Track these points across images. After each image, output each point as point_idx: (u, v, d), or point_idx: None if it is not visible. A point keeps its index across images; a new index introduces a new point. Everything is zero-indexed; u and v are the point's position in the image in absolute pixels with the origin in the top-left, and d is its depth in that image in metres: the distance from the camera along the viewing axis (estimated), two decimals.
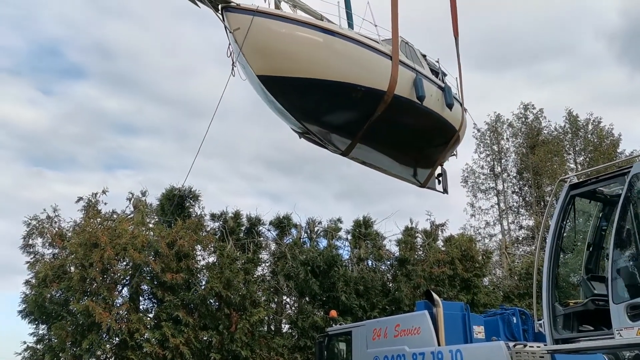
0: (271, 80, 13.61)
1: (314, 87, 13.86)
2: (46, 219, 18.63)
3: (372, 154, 16.26)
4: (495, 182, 42.62)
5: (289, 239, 21.68)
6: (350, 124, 15.28)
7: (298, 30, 13.55)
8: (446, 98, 16.15)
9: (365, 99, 14.44)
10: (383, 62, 14.56)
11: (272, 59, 13.45)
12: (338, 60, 13.92)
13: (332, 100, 14.34)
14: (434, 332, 11.48)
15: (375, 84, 14.37)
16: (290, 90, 13.95)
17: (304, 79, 13.65)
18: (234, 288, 17.74)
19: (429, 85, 15.65)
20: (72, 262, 17.39)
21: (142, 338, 16.51)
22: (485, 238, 40.50)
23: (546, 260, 8.20)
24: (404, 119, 15.48)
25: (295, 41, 13.53)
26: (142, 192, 19.64)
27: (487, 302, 21.47)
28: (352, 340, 13.40)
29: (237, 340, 17.28)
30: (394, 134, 15.92)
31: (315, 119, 14.86)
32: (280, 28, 13.38)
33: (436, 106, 15.98)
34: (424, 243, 23.46)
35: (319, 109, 14.71)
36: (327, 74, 13.80)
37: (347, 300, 19.27)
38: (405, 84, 14.81)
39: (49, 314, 17.28)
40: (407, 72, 15.03)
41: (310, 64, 13.69)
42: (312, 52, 13.69)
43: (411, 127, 15.97)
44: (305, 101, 14.35)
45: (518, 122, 42.79)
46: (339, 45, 14.01)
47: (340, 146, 15.30)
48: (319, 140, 15.26)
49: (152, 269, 17.26)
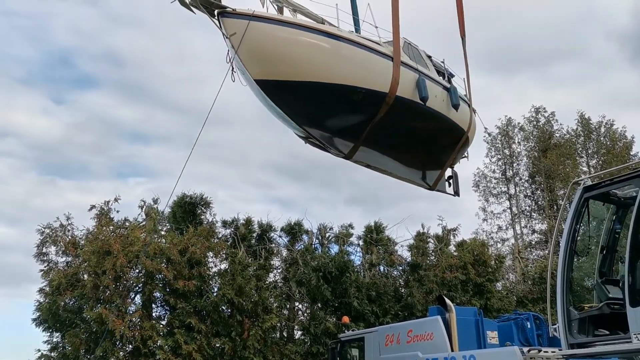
0: (269, 85, 13.56)
1: (312, 91, 13.74)
2: (59, 228, 18.78)
3: (376, 157, 16.14)
4: (507, 186, 42.36)
5: (301, 245, 21.66)
6: (352, 126, 15.16)
7: (295, 33, 13.47)
8: (452, 99, 16.00)
9: (367, 101, 14.29)
10: (384, 63, 14.43)
11: (269, 63, 13.38)
12: (337, 62, 13.80)
13: (332, 103, 14.24)
14: (447, 337, 11.39)
15: (376, 85, 14.22)
16: (289, 94, 13.85)
17: (302, 82, 13.54)
18: (246, 295, 17.75)
19: (433, 86, 15.54)
20: (85, 270, 17.51)
21: (155, 345, 16.56)
22: (498, 242, 40.23)
23: (560, 263, 8.12)
24: (407, 121, 15.35)
25: (292, 44, 13.42)
26: (154, 200, 19.74)
27: (500, 307, 21.30)
28: (364, 346, 13.34)
29: (249, 347, 17.28)
30: (398, 136, 15.80)
31: (315, 122, 14.76)
32: (276, 32, 13.28)
33: (441, 107, 15.85)
34: (436, 248, 23.34)
35: (319, 113, 14.61)
36: (325, 77, 13.67)
37: (360, 306, 19.20)
38: (407, 85, 14.66)
39: (63, 322, 17.39)
40: (410, 73, 14.90)
41: (308, 67, 13.56)
42: (310, 55, 13.57)
43: (416, 129, 15.86)
44: (304, 105, 14.25)
45: (529, 126, 42.57)
46: (337, 48, 13.88)
47: (343, 149, 15.17)
48: (321, 144, 15.18)
49: (165, 276, 17.32)
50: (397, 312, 19.95)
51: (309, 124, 14.66)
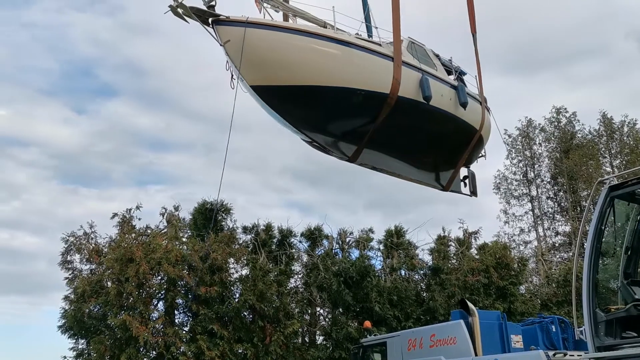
0: (264, 90, 13.56)
1: (309, 95, 13.66)
2: (83, 236, 19.04)
3: (382, 159, 15.97)
4: (528, 188, 41.94)
5: (321, 250, 21.66)
6: (354, 129, 15.04)
7: (289, 38, 13.37)
8: (459, 97, 15.75)
9: (367, 103, 14.14)
10: (385, 64, 14.29)
11: (264, 69, 13.33)
12: (333, 65, 13.66)
13: (331, 106, 14.13)
14: (470, 341, 11.30)
15: (377, 86, 14.06)
16: (285, 99, 13.79)
17: (298, 86, 13.46)
18: (267, 300, 17.79)
19: (439, 85, 15.35)
20: (108, 277, 17.69)
21: (178, 351, 16.65)
22: (520, 245, 39.84)
23: (586, 264, 8.00)
24: (412, 121, 15.18)
25: (287, 49, 13.33)
26: (175, 207, 19.91)
27: (524, 310, 21.04)
28: (387, 351, 13.29)
29: (271, 352, 17.30)
30: (404, 137, 15.64)
31: (315, 127, 14.65)
32: (270, 37, 13.23)
33: (448, 106, 15.62)
34: (457, 251, 23.17)
35: (318, 117, 14.49)
36: (322, 80, 13.55)
37: (381, 310, 19.12)
38: (410, 85, 14.47)
39: (88, 329, 17.60)
40: (413, 73, 14.71)
41: (303, 71, 13.45)
42: (305, 59, 13.45)
43: (422, 129, 15.67)
44: (302, 109, 14.16)
45: (551, 127, 42.14)
46: (333, 50, 13.74)
47: (346, 152, 15.06)
48: (323, 148, 15.11)
49: (187, 283, 17.43)
50: (419, 316, 19.82)
51: (308, 129, 14.59)
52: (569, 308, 20.50)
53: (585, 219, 11.90)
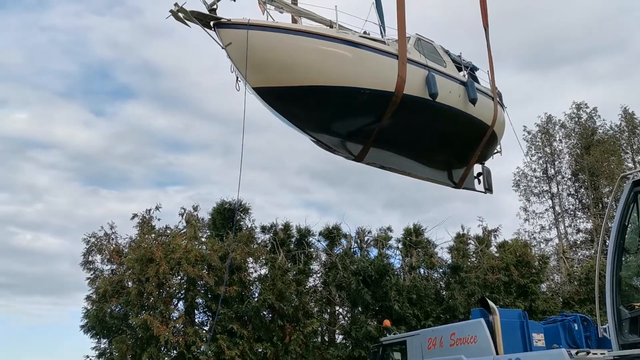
0: (267, 92, 13.58)
1: (313, 95, 13.60)
2: (104, 236, 19.26)
3: (391, 158, 15.84)
4: (549, 185, 41.48)
5: (339, 249, 21.64)
6: (359, 128, 14.94)
7: (290, 39, 13.31)
8: (469, 93, 15.54)
9: (372, 102, 14.04)
10: (389, 62, 14.15)
11: (265, 70, 13.28)
12: (336, 65, 13.57)
13: (335, 106, 14.05)
14: (491, 340, 11.20)
15: (381, 85, 13.92)
16: (287, 100, 13.77)
17: (300, 87, 13.42)
18: (286, 299, 17.83)
19: (447, 82, 15.17)
20: (129, 278, 17.88)
21: (198, 351, 16.76)
22: (541, 243, 39.43)
23: (609, 261, 7.88)
24: (419, 119, 15.03)
25: (288, 50, 13.28)
26: (194, 207, 20.04)
27: (545, 308, 20.81)
28: (406, 349, 13.24)
29: (291, 351, 17.33)
30: (411, 135, 15.50)
31: (319, 127, 14.64)
32: (271, 38, 13.18)
33: (457, 102, 15.42)
34: (477, 249, 23.00)
35: (322, 117, 14.47)
36: (325, 81, 13.47)
37: (401, 309, 19.04)
38: (416, 83, 14.32)
39: (110, 328, 17.79)
40: (418, 70, 14.54)
41: (306, 72, 13.39)
42: (307, 60, 13.38)
43: (430, 127, 15.52)
44: (306, 110, 14.11)
45: (571, 123, 41.64)
46: (335, 50, 13.64)
47: (352, 151, 14.99)
48: (328, 147, 15.07)
49: (206, 283, 17.55)
50: (439, 315, 19.70)
51: (312, 129, 14.58)
52: (592, 306, 20.23)
53: (607, 215, 11.74)
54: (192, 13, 12.80)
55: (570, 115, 41.59)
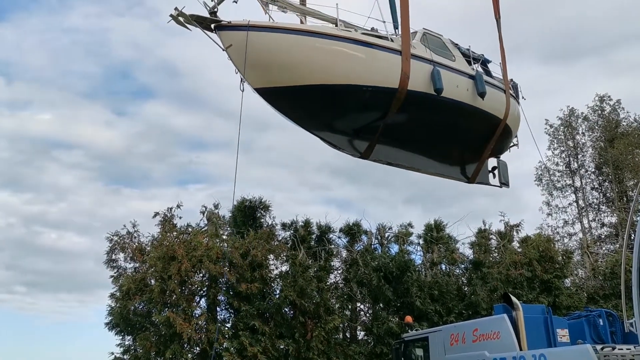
0: (268, 92, 13.62)
1: (315, 94, 13.60)
2: (127, 235, 19.49)
3: (398, 154, 15.72)
4: (572, 178, 40.88)
5: (360, 245, 21.62)
6: (364, 126, 14.87)
7: (290, 39, 13.33)
8: (477, 87, 15.37)
9: (375, 99, 13.97)
10: (392, 58, 14.06)
11: (266, 71, 13.36)
12: (337, 63, 13.52)
13: (337, 105, 14.03)
14: (514, 336, 11.08)
15: (384, 82, 13.84)
16: (288, 100, 13.80)
17: (301, 86, 13.44)
18: (307, 296, 17.86)
19: (453, 76, 14.99)
20: (152, 275, 18.06)
21: (221, 347, 16.88)
22: (565, 237, 38.90)
23: (635, 255, 7.75)
24: (426, 115, 14.90)
25: (287, 50, 13.30)
26: (215, 205, 20.16)
27: (570, 304, 20.54)
28: (429, 346, 13.16)
29: (313, 348, 17.37)
30: (419, 130, 15.36)
31: (323, 125, 14.62)
32: (271, 39, 13.22)
33: (465, 97, 15.22)
34: (499, 245, 22.78)
35: (326, 116, 14.47)
36: (326, 79, 13.47)
37: (422, 305, 18.96)
38: (420, 78, 14.21)
39: (134, 326, 18.01)
40: (423, 65, 14.42)
41: (306, 71, 13.40)
42: (307, 59, 13.38)
43: (438, 122, 15.37)
44: (308, 109, 14.11)
45: (594, 115, 40.93)
46: (336, 48, 13.59)
47: (358, 148, 14.91)
48: (333, 145, 15.04)
49: (228, 280, 17.66)
50: (461, 310, 19.58)
51: (316, 128, 14.60)
52: (617, 301, 19.92)
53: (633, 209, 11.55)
54: (191, 17, 12.90)
55: (593, 107, 40.92)
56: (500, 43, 16.94)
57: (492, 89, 16.00)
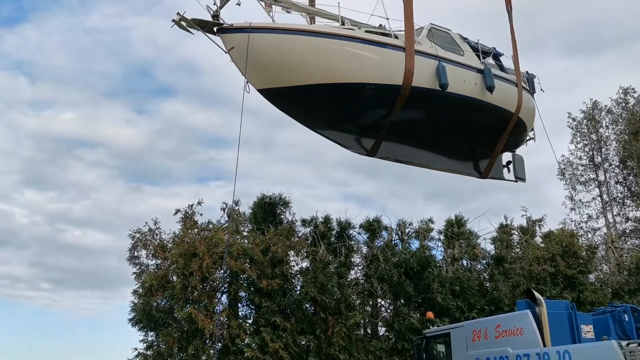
0: (270, 93, 13.71)
1: (317, 93, 13.62)
2: (149, 232, 19.68)
3: (406, 151, 15.63)
4: (595, 172, 40.23)
5: (380, 241, 21.56)
6: (368, 124, 14.85)
7: (291, 39, 13.38)
8: (486, 81, 15.18)
9: (379, 97, 13.93)
10: (396, 55, 13.98)
11: (268, 71, 13.46)
12: (339, 62, 13.51)
13: (341, 103, 14.02)
14: (537, 332, 10.99)
15: (388, 79, 13.80)
16: (292, 99, 13.86)
17: (304, 86, 13.50)
18: (328, 292, 17.88)
19: (460, 71, 14.82)
20: (174, 272, 18.23)
21: (242, 343, 16.99)
22: (589, 232, 38.29)
23: None
24: (432, 111, 14.81)
25: (288, 50, 13.36)
26: (235, 202, 20.23)
27: (594, 299, 20.25)
28: (450, 342, 13.10)
29: (334, 344, 17.39)
30: (426, 126, 15.25)
31: (328, 124, 14.63)
32: (272, 40, 13.31)
33: (473, 91, 15.03)
34: (521, 240, 22.55)
35: (330, 115, 14.49)
36: (328, 78, 13.50)
37: (444, 301, 18.85)
38: (425, 74, 14.10)
39: (156, 322, 18.21)
40: (428, 61, 14.30)
41: (308, 71, 13.46)
42: (309, 58, 13.42)
43: (445, 117, 15.24)
44: (312, 108, 14.18)
45: (618, 108, 40.20)
46: (338, 47, 13.60)
47: (364, 146, 14.91)
48: (339, 143, 15.04)
49: (249, 276, 17.74)
50: (483, 306, 19.42)
51: (321, 127, 14.64)
52: None
53: None
54: (194, 20, 13.09)
55: (617, 100, 40.19)
56: (512, 36, 16.75)
57: (502, 82, 15.83)
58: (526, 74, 17.59)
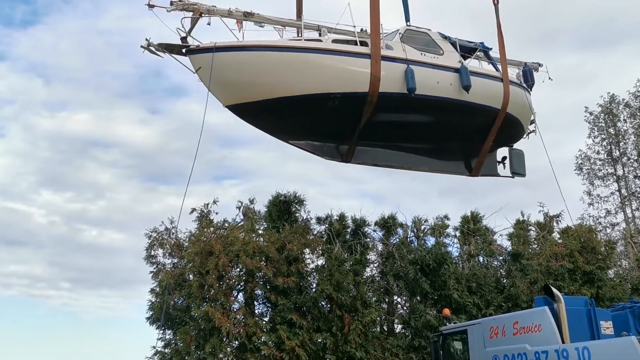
0: (238, 109, 14.04)
1: (283, 106, 13.89)
2: (165, 231, 19.82)
3: (383, 154, 15.74)
4: (614, 167, 39.75)
5: (396, 238, 21.49)
6: (338, 132, 15.01)
7: (253, 55, 13.71)
8: (462, 80, 15.13)
9: (346, 105, 14.13)
10: (361, 63, 14.09)
11: (233, 88, 13.95)
12: (301, 74, 13.75)
13: (307, 114, 14.23)
14: (556, 329, 10.88)
15: (352, 87, 13.98)
16: (259, 113, 14.19)
17: (269, 100, 13.80)
18: (344, 290, 17.86)
19: (432, 73, 14.83)
20: (190, 271, 18.33)
21: (259, 341, 17.04)
22: (607, 227, 37.90)
23: None
24: (405, 114, 14.88)
25: (251, 66, 13.68)
26: (250, 200, 20.30)
27: (613, 295, 20.03)
28: (468, 339, 13.03)
29: (350, 341, 17.36)
30: (401, 130, 15.34)
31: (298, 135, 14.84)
32: (235, 57, 13.69)
33: (447, 91, 15.04)
34: (538, 236, 22.35)
35: (297, 126, 14.71)
36: (290, 91, 13.78)
37: (460, 298, 18.75)
38: (393, 79, 14.22)
39: (174, 320, 18.33)
40: (396, 66, 14.36)
41: (270, 85, 13.75)
42: (271, 73, 13.70)
43: (420, 120, 15.28)
44: (280, 121, 14.54)
45: (636, 101, 39.67)
46: (299, 60, 13.84)
47: (337, 154, 15.30)
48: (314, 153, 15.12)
49: (264, 274, 17.80)
50: (500, 303, 19.29)
51: (293, 138, 14.84)
52: None
53: None
54: (161, 45, 13.75)
55: (634, 93, 39.67)
56: (498, 30, 16.65)
57: (484, 79, 15.74)
58: (524, 66, 17.45)
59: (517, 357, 11.35)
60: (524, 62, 17.69)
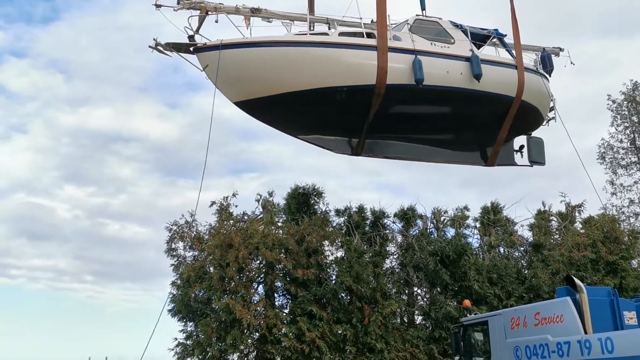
0: (245, 105, 14.05)
1: (290, 101, 13.85)
2: (185, 224, 19.98)
3: (395, 147, 15.58)
4: (637, 155, 39.04)
5: (415, 230, 21.41)
6: (347, 125, 14.88)
7: (260, 51, 13.66)
8: (473, 69, 14.89)
9: (354, 98, 14.04)
10: (367, 55, 13.97)
11: (240, 85, 13.89)
12: (308, 68, 13.69)
13: (315, 108, 14.14)
14: (578, 319, 10.75)
15: (360, 80, 13.88)
16: (267, 109, 14.16)
17: (276, 95, 13.79)
18: (364, 281, 17.87)
19: (441, 62, 14.62)
20: (210, 263, 18.47)
21: (279, 333, 17.14)
22: (631, 217, 37.26)
23: None
24: (415, 105, 14.69)
25: (258, 62, 13.64)
26: (269, 193, 20.39)
27: (637, 285, 19.77)
28: (489, 330, 12.96)
29: (370, 333, 17.39)
30: (412, 121, 15.17)
31: (307, 129, 14.75)
32: (242, 54, 13.64)
33: (457, 81, 14.80)
34: (560, 226, 22.09)
35: (306, 120, 14.60)
36: (297, 85, 13.71)
37: (481, 289, 18.65)
38: (401, 70, 14.07)
39: (195, 312, 18.51)
40: (404, 57, 14.20)
41: (277, 80, 13.74)
42: (276, 68, 13.66)
43: (430, 110, 15.08)
44: (287, 116, 14.43)
45: None
46: (306, 54, 13.79)
47: (347, 147, 15.16)
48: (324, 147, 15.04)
49: (284, 266, 17.86)
50: (521, 294, 19.13)
51: (302, 133, 14.76)
52: None
53: None
54: (168, 44, 13.74)
55: None
56: (512, 16, 16.32)
57: (497, 67, 15.48)
58: (543, 51, 17.13)
59: (538, 348, 11.26)
60: (543, 48, 17.37)
